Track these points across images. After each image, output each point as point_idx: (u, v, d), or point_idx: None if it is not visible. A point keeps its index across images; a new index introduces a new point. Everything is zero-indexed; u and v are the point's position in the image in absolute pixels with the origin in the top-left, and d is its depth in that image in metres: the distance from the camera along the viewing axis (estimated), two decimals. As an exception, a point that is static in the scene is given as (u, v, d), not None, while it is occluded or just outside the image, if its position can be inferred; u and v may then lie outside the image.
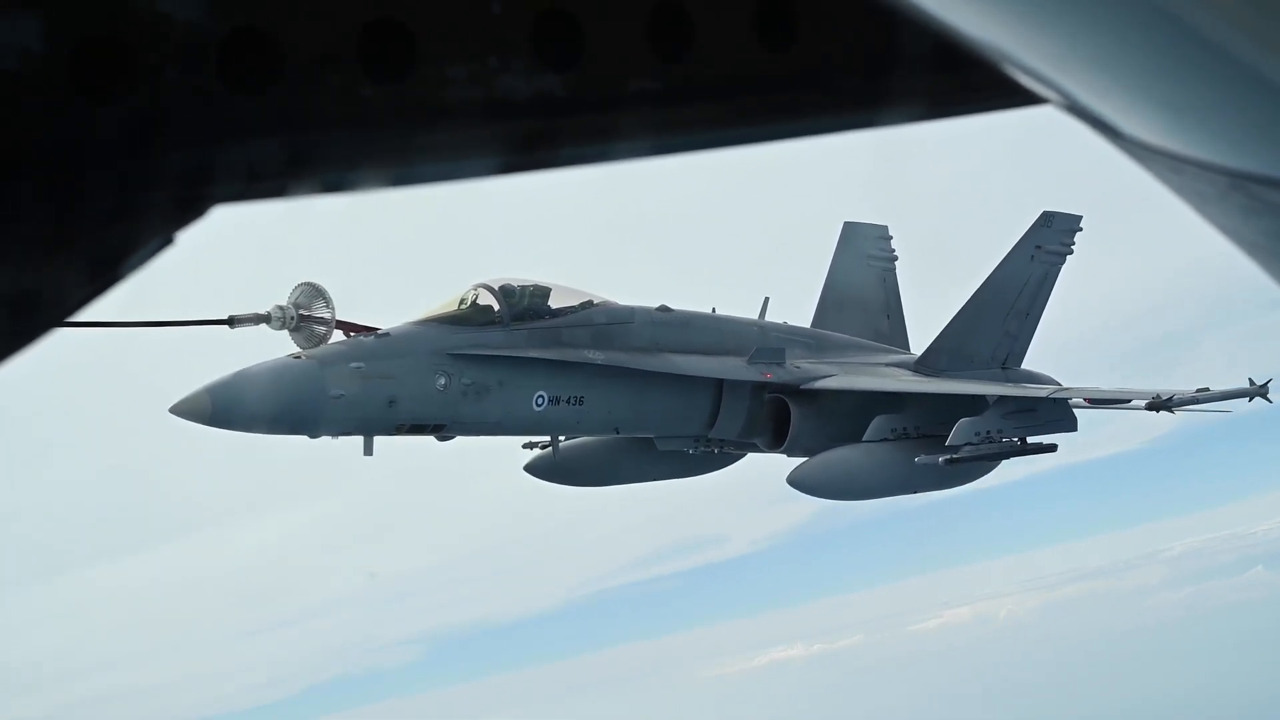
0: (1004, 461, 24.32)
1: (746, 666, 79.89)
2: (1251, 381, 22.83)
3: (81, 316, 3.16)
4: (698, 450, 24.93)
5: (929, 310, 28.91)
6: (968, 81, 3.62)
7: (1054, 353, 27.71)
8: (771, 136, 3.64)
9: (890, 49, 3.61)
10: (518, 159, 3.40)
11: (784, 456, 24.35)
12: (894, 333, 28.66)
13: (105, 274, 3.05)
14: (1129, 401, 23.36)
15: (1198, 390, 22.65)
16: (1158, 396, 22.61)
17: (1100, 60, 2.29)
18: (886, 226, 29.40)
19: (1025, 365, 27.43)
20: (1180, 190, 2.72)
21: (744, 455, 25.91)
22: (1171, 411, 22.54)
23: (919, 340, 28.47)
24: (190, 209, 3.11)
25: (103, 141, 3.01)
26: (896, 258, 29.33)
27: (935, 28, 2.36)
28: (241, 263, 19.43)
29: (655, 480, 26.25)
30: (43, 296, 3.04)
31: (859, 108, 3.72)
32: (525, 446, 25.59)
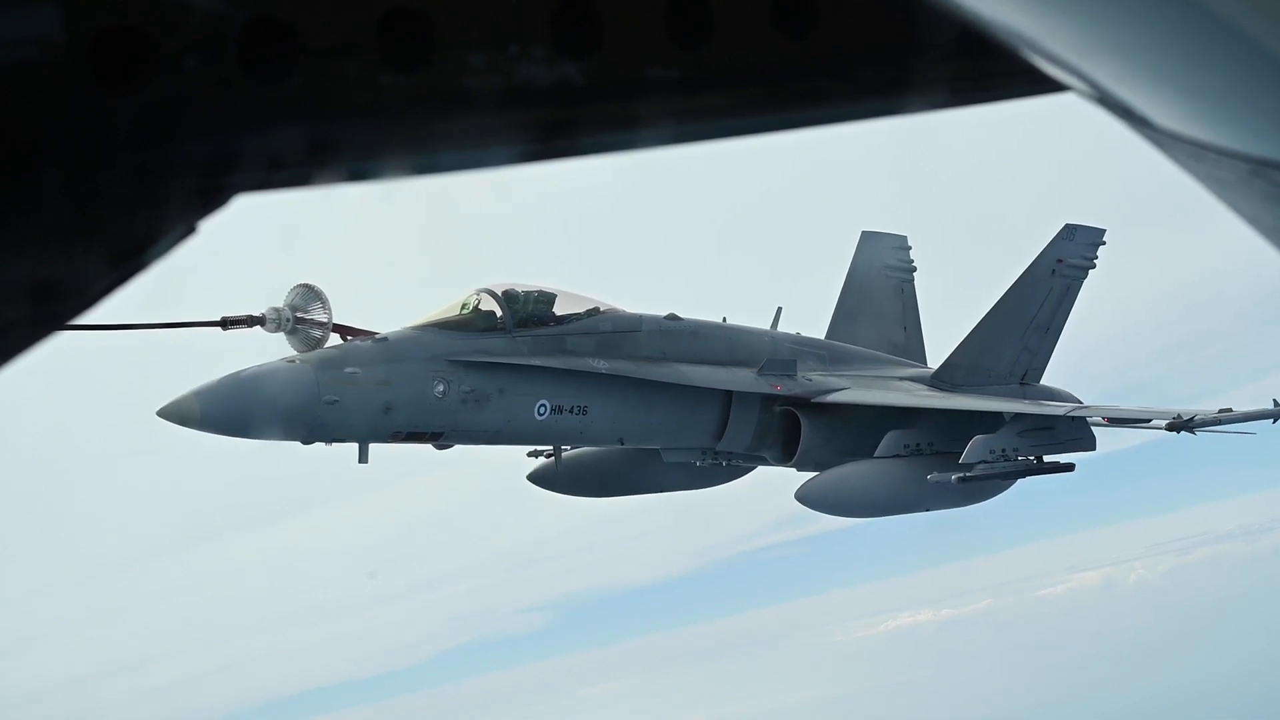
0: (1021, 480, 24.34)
1: (874, 632, 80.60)
2: (1276, 402, 22.91)
3: (87, 314, 3.25)
4: (705, 462, 24.99)
5: (948, 323, 28.97)
6: (988, 69, 3.72)
7: (1080, 355, 27.69)
8: (792, 125, 3.74)
9: (910, 36, 3.71)
10: (538, 147, 3.50)
11: (794, 470, 24.43)
12: (911, 345, 28.72)
13: (128, 263, 3.15)
14: (1149, 421, 23.41)
15: (1220, 411, 22.70)
16: (1179, 417, 22.65)
17: (1121, 47, 2.39)
18: (905, 236, 29.50)
19: (1045, 381, 27.52)
20: (1202, 177, 2.82)
21: (753, 468, 25.99)
22: (1193, 433, 22.59)
23: (936, 353, 28.56)
24: (212, 198, 3.21)
25: (123, 131, 3.11)
26: (915, 268, 29.41)
27: (956, 14, 2.46)
28: (251, 256, 19.63)
29: (661, 492, 26.29)
30: (66, 286, 3.14)
31: (879, 95, 3.82)
32: (530, 454, 25.66)
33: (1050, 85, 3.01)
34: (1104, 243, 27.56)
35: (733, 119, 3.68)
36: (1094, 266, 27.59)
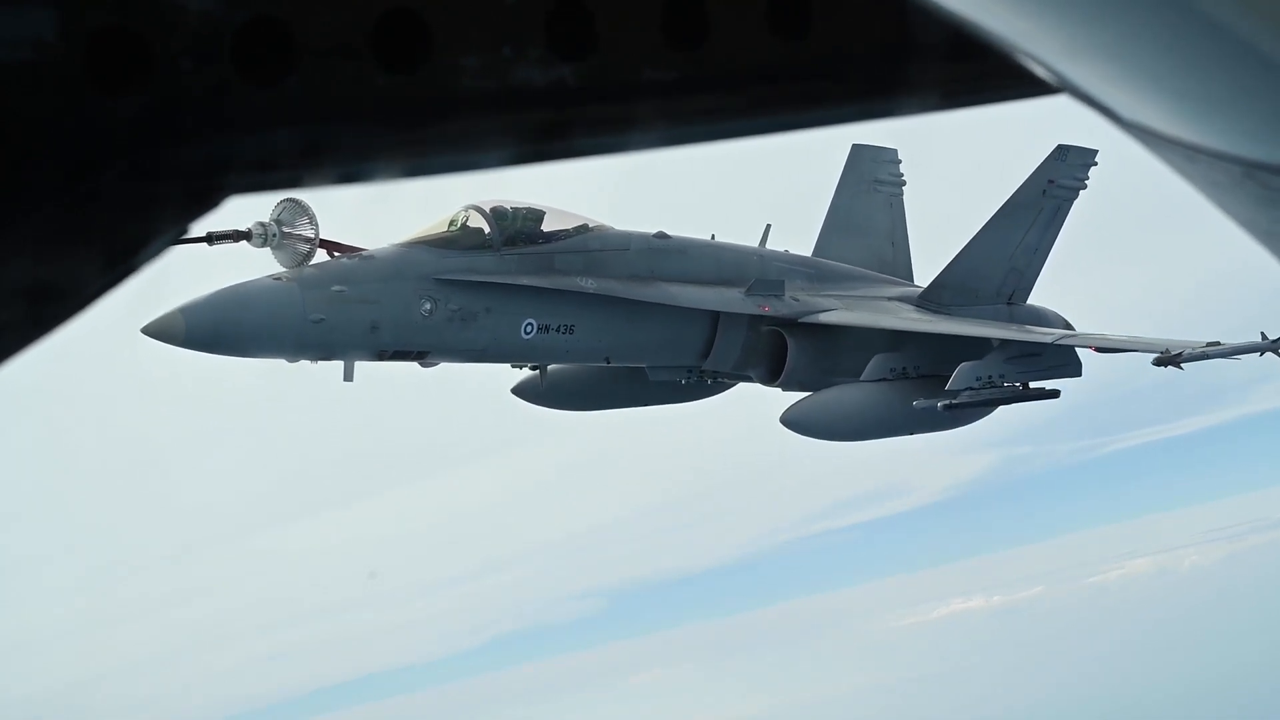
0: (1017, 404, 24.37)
1: (926, 618, 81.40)
2: (1264, 335, 22.88)
3: (80, 316, 3.27)
4: (690, 380, 25.12)
5: (935, 238, 29.01)
6: (982, 71, 3.74)
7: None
8: (786, 126, 3.77)
9: (904, 38, 3.72)
10: (532, 149, 3.52)
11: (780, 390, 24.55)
12: (898, 260, 28.75)
13: (121, 264, 3.18)
14: (1137, 351, 23.41)
15: (1208, 344, 22.68)
16: (1166, 350, 22.63)
17: (1113, 50, 2.41)
18: (896, 150, 29.43)
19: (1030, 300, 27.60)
20: (1195, 180, 2.85)
21: (736, 384, 26.11)
22: (1180, 367, 22.60)
23: (923, 268, 28.60)
24: (205, 200, 3.23)
25: (118, 133, 3.12)
26: (904, 182, 29.40)
27: (949, 17, 2.48)
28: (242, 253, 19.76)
29: (645, 405, 26.41)
30: (60, 287, 3.16)
31: (873, 97, 3.84)
32: (514, 366, 25.73)
33: (1044, 87, 3.03)
34: (1096, 164, 27.49)
35: (728, 120, 3.70)
36: (1085, 187, 27.57)
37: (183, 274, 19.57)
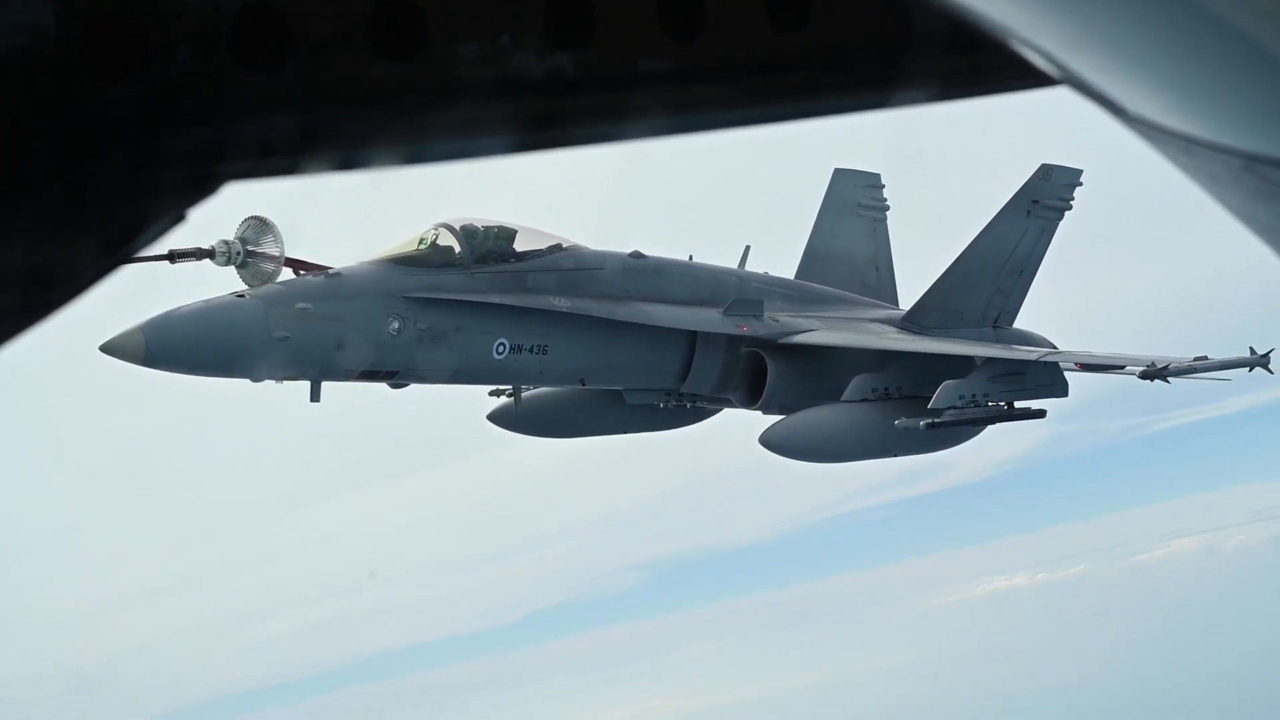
0: (996, 425, 24.53)
1: (969, 596, 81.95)
2: (1252, 350, 23.05)
3: (77, 301, 3.34)
4: (669, 404, 25.17)
5: (920, 264, 29.19)
6: (981, 63, 3.84)
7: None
8: (783, 117, 3.85)
9: (903, 29, 3.81)
10: (529, 138, 3.60)
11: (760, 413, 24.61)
12: (882, 285, 28.92)
13: (118, 250, 3.25)
14: (1123, 368, 23.56)
15: (1195, 359, 22.89)
16: (1153, 364, 22.81)
17: (1112, 41, 2.49)
18: (879, 175, 29.62)
19: (1017, 325, 27.76)
20: (1193, 172, 2.92)
21: (719, 410, 26.18)
22: (1167, 381, 22.78)
23: (908, 295, 28.75)
24: (202, 186, 3.31)
25: (115, 119, 3.19)
26: (888, 207, 29.59)
27: (948, 7, 2.56)
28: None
29: (624, 433, 26.48)
30: (57, 272, 3.23)
31: (871, 88, 3.93)
32: (491, 393, 25.79)
33: (1043, 79, 3.12)
34: (1081, 184, 27.71)
35: (725, 111, 3.79)
36: (1070, 208, 27.77)
37: (144, 292, 19.55)
